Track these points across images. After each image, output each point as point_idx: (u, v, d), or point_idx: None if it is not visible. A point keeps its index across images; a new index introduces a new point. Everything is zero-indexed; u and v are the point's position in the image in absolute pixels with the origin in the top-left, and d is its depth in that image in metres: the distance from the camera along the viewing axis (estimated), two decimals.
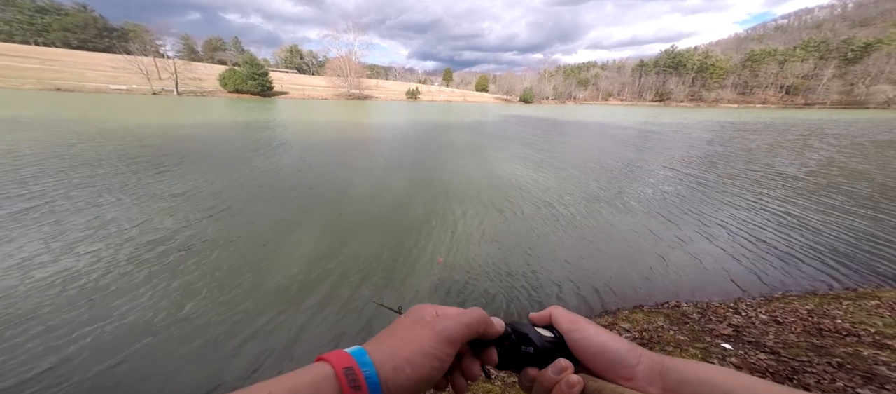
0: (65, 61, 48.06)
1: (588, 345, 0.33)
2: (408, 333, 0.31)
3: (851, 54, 78.94)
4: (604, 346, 0.32)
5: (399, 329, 0.32)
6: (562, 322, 0.36)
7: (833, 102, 77.38)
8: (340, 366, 0.26)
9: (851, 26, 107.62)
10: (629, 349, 0.32)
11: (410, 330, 0.31)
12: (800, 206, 5.52)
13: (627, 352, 0.32)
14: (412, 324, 0.32)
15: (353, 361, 0.27)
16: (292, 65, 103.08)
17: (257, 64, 49.05)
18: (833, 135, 16.33)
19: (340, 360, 0.27)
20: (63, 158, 6.84)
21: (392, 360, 0.28)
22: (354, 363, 0.27)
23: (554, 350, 0.35)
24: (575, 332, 0.34)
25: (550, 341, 0.35)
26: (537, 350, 0.34)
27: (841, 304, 2.60)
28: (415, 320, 0.32)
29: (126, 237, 3.61)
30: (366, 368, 0.27)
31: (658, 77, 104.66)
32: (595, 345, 0.33)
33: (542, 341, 0.35)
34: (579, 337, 0.34)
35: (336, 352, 0.28)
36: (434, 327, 0.31)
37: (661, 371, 0.30)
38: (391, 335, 0.31)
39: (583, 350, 0.33)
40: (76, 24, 74.80)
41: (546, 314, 0.37)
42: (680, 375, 0.29)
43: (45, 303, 2.54)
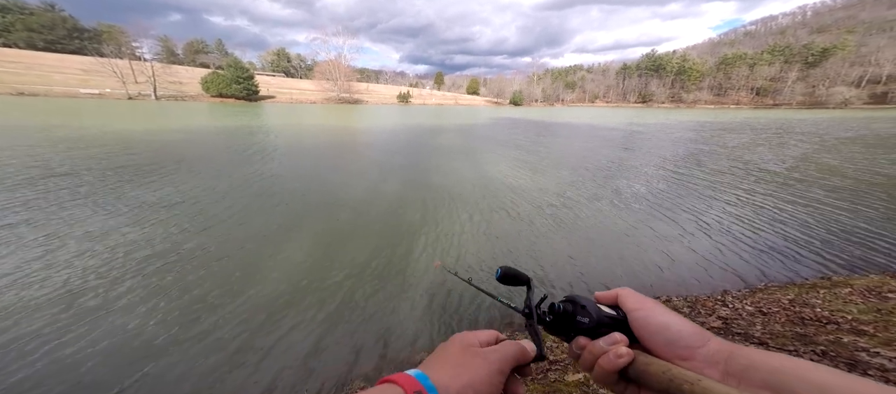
0: (28, 63, 44.90)
1: (649, 323, 0.33)
2: (461, 360, 0.33)
3: (812, 58, 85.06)
4: (664, 325, 0.32)
5: (452, 356, 0.33)
6: (628, 302, 0.36)
7: (798, 103, 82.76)
8: (411, 389, 0.28)
9: (810, 33, 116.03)
10: (695, 332, 0.31)
11: (465, 359, 0.33)
12: (776, 198, 5.81)
13: (692, 334, 0.31)
14: (463, 352, 0.34)
15: (420, 386, 0.29)
16: (279, 68, 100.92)
17: (242, 67, 47.68)
18: (802, 133, 17.37)
19: (410, 384, 0.29)
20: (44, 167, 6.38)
21: (453, 385, 0.30)
22: (422, 388, 0.29)
23: (613, 326, 0.35)
24: (639, 310, 0.34)
25: (610, 317, 0.35)
26: (593, 322, 0.35)
27: (818, 292, 2.73)
28: (465, 349, 0.34)
29: (122, 251, 3.38)
30: (431, 392, 0.29)
31: (640, 79, 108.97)
32: (656, 323, 0.33)
33: (600, 315, 0.35)
34: (642, 315, 0.34)
35: (402, 375, 0.30)
36: (487, 357, 0.33)
37: (729, 357, 0.29)
38: (445, 363, 0.33)
39: (644, 329, 0.33)
40: (42, 23, 70.31)
41: (613, 294, 0.38)
42: (749, 361, 0.28)
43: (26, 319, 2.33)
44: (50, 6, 75.20)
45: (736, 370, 0.28)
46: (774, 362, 0.27)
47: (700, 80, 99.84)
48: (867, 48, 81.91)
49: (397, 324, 2.55)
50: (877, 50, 79.85)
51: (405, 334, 2.46)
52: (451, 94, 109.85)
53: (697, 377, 0.27)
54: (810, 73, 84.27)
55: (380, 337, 2.40)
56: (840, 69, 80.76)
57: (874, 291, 2.61)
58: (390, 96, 73.36)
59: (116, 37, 53.25)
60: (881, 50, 79.53)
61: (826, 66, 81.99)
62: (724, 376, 0.28)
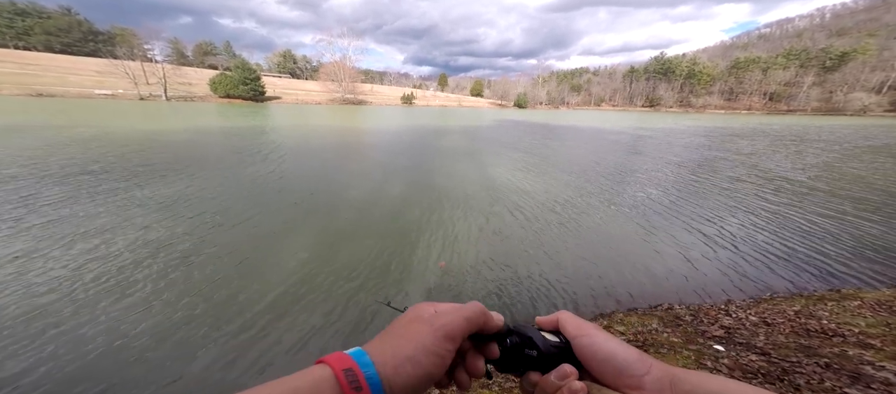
0: (46, 65, 46.58)
1: (595, 352, 0.32)
2: (406, 331, 0.30)
3: (829, 63, 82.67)
4: (611, 353, 0.32)
5: (398, 328, 0.31)
6: (569, 328, 0.35)
7: (813, 109, 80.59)
8: (340, 367, 0.26)
9: (829, 36, 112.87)
10: (638, 359, 0.31)
11: (409, 328, 0.31)
12: (786, 208, 5.68)
13: (636, 361, 0.31)
14: (410, 322, 0.31)
15: (353, 362, 0.27)
16: (286, 69, 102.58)
17: (249, 68, 48.62)
18: (821, 140, 16.87)
19: (340, 361, 0.27)
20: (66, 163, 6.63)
21: (393, 359, 0.28)
22: (354, 364, 0.27)
23: (559, 355, 0.34)
24: (582, 337, 0.34)
25: (555, 345, 0.34)
26: (541, 354, 0.33)
27: (826, 305, 2.67)
28: (413, 318, 0.32)
29: (138, 244, 3.50)
30: (366, 368, 0.27)
31: (648, 83, 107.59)
32: (602, 352, 0.32)
33: (547, 346, 0.34)
34: (586, 343, 0.33)
35: (335, 354, 0.28)
36: (433, 323, 0.30)
37: (672, 382, 0.29)
38: (390, 335, 0.31)
39: (589, 357, 0.32)
40: (59, 27, 72.82)
41: (553, 319, 0.37)
42: (691, 386, 0.28)
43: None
44: (66, 10, 77.84)
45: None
46: (713, 385, 0.27)
47: (710, 84, 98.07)
48: (890, 52, 78.78)
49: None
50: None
51: None
52: (454, 95, 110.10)
53: None
54: (828, 78, 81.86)
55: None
56: (859, 74, 78.14)
57: (885, 305, 2.54)
58: (394, 97, 73.87)
59: (129, 39, 54.66)
60: None
61: (845, 70, 79.43)
62: None
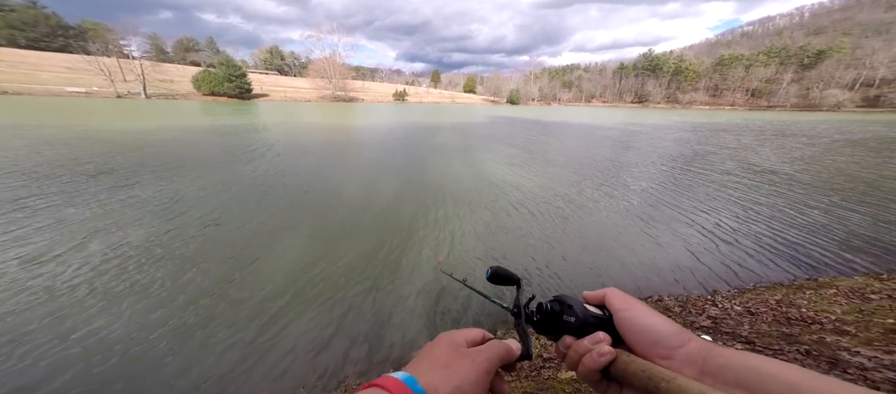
0: (11, 61, 43.64)
1: (634, 323, 0.34)
2: (451, 362, 0.32)
3: (807, 60, 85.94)
4: (650, 325, 0.33)
5: (440, 357, 0.33)
6: (614, 302, 0.36)
7: (792, 105, 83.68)
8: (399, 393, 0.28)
9: (807, 34, 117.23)
10: (676, 333, 0.32)
11: (453, 360, 0.33)
12: (768, 199, 5.88)
13: (673, 335, 0.32)
14: (451, 353, 0.33)
15: (408, 390, 0.28)
16: (273, 66, 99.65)
17: (234, 65, 46.98)
18: (805, 135, 17.42)
19: (396, 388, 0.28)
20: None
21: (443, 389, 0.30)
22: (410, 392, 0.28)
23: (598, 326, 0.36)
24: (624, 310, 0.35)
25: (595, 317, 0.36)
26: (579, 321, 0.35)
27: (804, 293, 2.78)
28: (452, 350, 0.34)
29: (131, 250, 3.32)
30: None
31: (637, 79, 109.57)
32: (640, 324, 0.33)
33: (586, 315, 0.36)
34: (628, 316, 0.35)
35: (389, 379, 0.30)
36: (476, 359, 0.33)
37: (706, 356, 0.30)
38: (433, 364, 0.32)
39: (628, 329, 0.34)
40: (24, 21, 68.24)
41: (600, 294, 0.38)
42: (725, 360, 0.29)
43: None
44: (32, 3, 73.09)
45: (712, 369, 0.29)
46: (748, 361, 0.28)
47: (696, 80, 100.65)
48: (862, 50, 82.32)
49: (393, 321, 2.55)
50: (872, 53, 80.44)
51: (400, 330, 2.46)
52: (447, 92, 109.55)
53: (673, 375, 0.29)
54: (805, 75, 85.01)
55: (376, 334, 2.40)
56: (834, 72, 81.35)
57: (858, 292, 2.67)
58: (386, 94, 72.91)
59: (103, 34, 51.91)
60: (876, 53, 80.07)
61: (821, 68, 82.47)
62: (700, 374, 0.29)
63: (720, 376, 0.28)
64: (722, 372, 0.28)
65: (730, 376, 0.28)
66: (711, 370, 0.29)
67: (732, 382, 0.27)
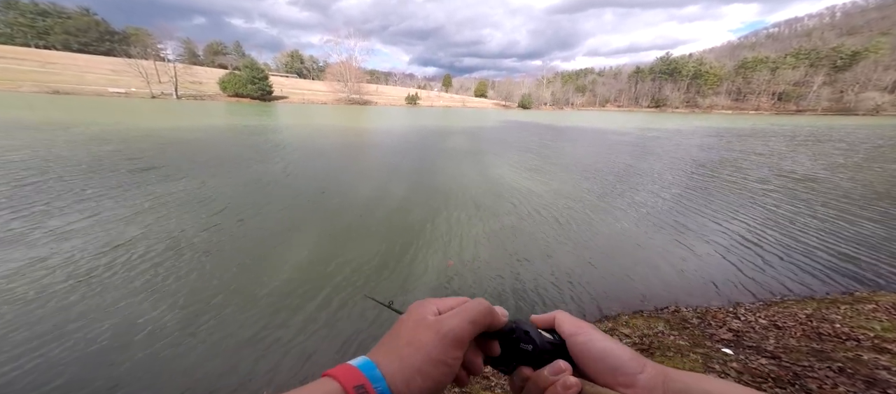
0: (64, 64, 47.98)
1: (590, 349, 0.32)
2: (413, 338, 0.29)
3: (840, 62, 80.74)
4: (606, 351, 0.32)
5: (403, 335, 0.30)
6: (565, 326, 0.35)
7: (824, 109, 78.74)
8: (351, 384, 0.25)
9: (839, 35, 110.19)
10: (633, 358, 0.31)
11: (415, 335, 0.29)
12: (798, 208, 5.57)
13: (630, 360, 0.31)
14: (415, 327, 0.30)
15: (363, 377, 0.26)
16: (293, 69, 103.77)
17: (257, 68, 49.29)
18: (845, 141, 16.35)
19: (350, 376, 0.26)
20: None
21: (402, 372, 0.27)
22: (366, 380, 0.26)
23: (553, 352, 0.34)
24: (578, 335, 0.33)
25: (550, 343, 0.34)
26: (536, 349, 0.33)
27: (838, 308, 2.61)
28: (417, 323, 0.30)
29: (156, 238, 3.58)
30: (377, 383, 0.26)
31: (654, 83, 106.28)
32: (597, 350, 0.32)
33: (543, 341, 0.33)
34: (582, 341, 0.33)
35: (343, 367, 0.27)
36: (439, 330, 0.29)
37: (665, 381, 0.29)
38: (396, 342, 0.29)
39: (584, 355, 0.32)
40: (78, 27, 74.98)
41: (549, 317, 0.37)
42: (684, 385, 0.28)
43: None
44: (85, 10, 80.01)
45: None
46: (704, 386, 0.27)
47: (718, 84, 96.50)
48: None
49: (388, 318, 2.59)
50: None
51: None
52: (458, 96, 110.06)
53: None
54: (838, 77, 79.99)
55: (381, 332, 2.44)
56: (871, 73, 76.21)
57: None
58: (399, 98, 74.15)
59: (143, 39, 55.82)
60: None
61: (856, 70, 77.54)
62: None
63: None
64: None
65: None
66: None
67: None
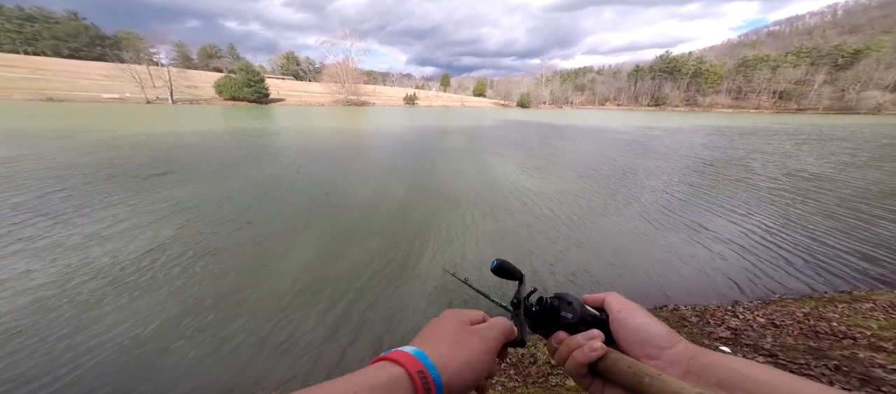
0: (55, 70, 47.55)
1: (628, 323, 0.35)
2: (460, 338, 0.33)
3: (842, 60, 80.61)
4: (641, 325, 0.34)
5: (447, 334, 0.34)
6: (613, 305, 0.37)
7: (825, 108, 78.63)
8: (414, 369, 0.28)
9: (841, 33, 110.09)
10: (667, 334, 0.33)
11: (461, 336, 0.33)
12: (798, 207, 5.57)
13: (664, 335, 0.33)
14: (459, 330, 0.34)
15: (421, 365, 0.29)
16: (289, 71, 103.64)
17: (253, 71, 49.22)
18: (847, 140, 16.24)
19: (410, 362, 0.29)
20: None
21: (453, 364, 0.31)
22: (424, 367, 0.29)
23: (593, 324, 0.36)
24: (621, 312, 0.36)
25: (592, 316, 0.37)
26: (576, 318, 0.36)
27: (836, 307, 2.61)
28: (460, 326, 0.35)
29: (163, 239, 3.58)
30: (432, 372, 0.29)
31: (654, 82, 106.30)
32: (634, 323, 0.35)
33: (584, 314, 0.36)
34: (623, 317, 0.36)
35: (400, 352, 0.30)
36: (484, 336, 0.34)
37: (692, 357, 0.31)
38: (440, 339, 0.33)
39: (622, 328, 0.35)
40: (67, 32, 74.15)
41: (600, 298, 0.39)
42: (709, 361, 0.30)
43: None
44: (73, 14, 79.34)
45: (696, 369, 0.30)
46: (730, 363, 0.29)
47: (718, 83, 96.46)
48: None
49: (405, 315, 2.62)
50: None
51: (407, 325, 2.52)
52: (457, 95, 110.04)
53: (658, 372, 0.30)
54: (840, 76, 79.73)
55: (383, 329, 2.45)
56: (873, 72, 75.90)
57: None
58: (396, 98, 74.13)
59: (135, 43, 55.29)
60: None
61: (857, 68, 77.20)
62: (685, 374, 0.31)
63: (703, 376, 0.30)
64: (705, 372, 0.30)
65: (711, 376, 0.29)
66: (695, 370, 0.30)
67: (714, 381, 0.29)
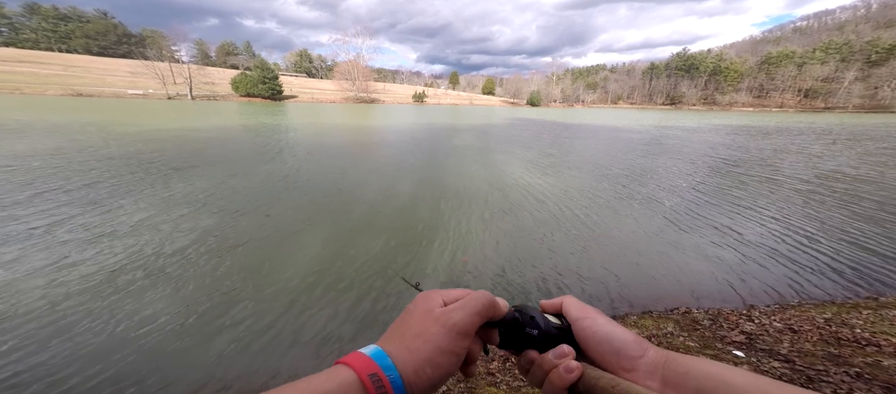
0: (86, 67, 50.31)
1: (594, 333, 0.33)
2: (422, 329, 0.30)
3: (876, 56, 75.79)
4: (609, 335, 0.32)
5: (412, 325, 0.31)
6: (572, 311, 0.36)
7: (855, 107, 74.23)
8: (365, 372, 0.26)
9: (875, 28, 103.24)
10: (635, 341, 0.31)
11: (424, 326, 0.30)
12: (821, 208, 5.33)
13: (632, 343, 0.31)
14: (423, 319, 0.31)
15: (376, 366, 0.27)
16: (302, 69, 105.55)
17: (268, 68, 50.35)
18: (879, 138, 15.35)
19: (363, 365, 0.27)
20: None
21: (412, 362, 0.28)
22: (378, 369, 0.27)
23: (559, 337, 0.35)
24: (583, 320, 0.34)
25: (557, 327, 0.35)
26: (541, 334, 0.34)
27: (860, 313, 2.51)
28: (424, 315, 0.31)
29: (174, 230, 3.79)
30: (389, 372, 0.27)
31: (669, 80, 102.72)
32: (600, 334, 0.33)
33: (548, 326, 0.35)
34: (586, 325, 0.34)
35: (356, 355, 0.28)
36: (446, 322, 0.30)
37: (665, 364, 0.30)
38: (405, 332, 0.30)
39: (588, 338, 0.33)
40: (97, 30, 78.18)
41: (557, 302, 0.37)
42: (685, 368, 0.29)
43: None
44: (103, 14, 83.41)
45: (673, 378, 0.29)
46: (706, 368, 0.28)
47: (738, 80, 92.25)
48: None
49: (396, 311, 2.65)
50: None
51: None
52: (465, 94, 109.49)
53: (647, 392, 0.28)
54: (873, 72, 74.96)
55: (384, 323, 2.51)
56: None
57: None
58: (406, 96, 74.37)
59: (158, 41, 57.57)
60: None
61: (893, 64, 72.46)
62: (663, 385, 0.29)
63: (682, 385, 0.28)
64: (683, 381, 0.28)
65: (690, 385, 0.28)
66: (673, 380, 0.29)
67: (693, 390, 0.27)
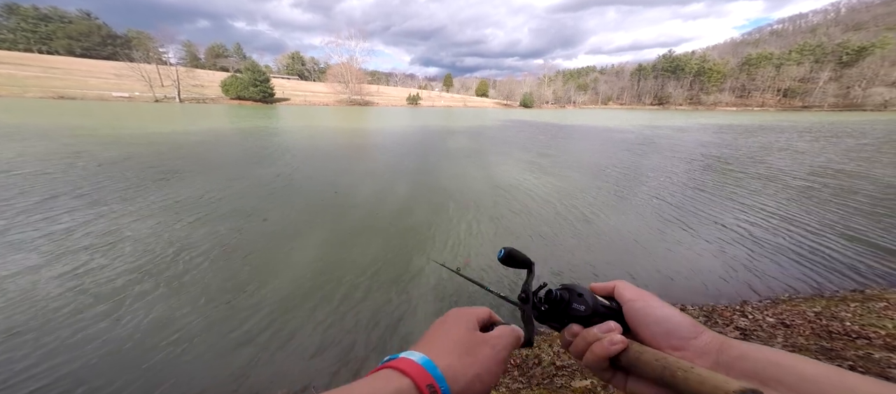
0: (67, 69, 48.45)
1: (647, 314, 0.33)
2: (472, 348, 0.31)
3: (846, 58, 79.90)
4: (663, 316, 0.32)
5: (457, 342, 0.31)
6: (625, 293, 0.36)
7: (830, 105, 77.89)
8: (424, 382, 0.27)
9: (845, 30, 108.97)
10: (691, 324, 0.31)
11: (469, 346, 0.31)
12: (808, 205, 5.49)
13: (689, 326, 0.31)
14: (469, 337, 0.32)
15: (431, 377, 0.27)
16: (294, 71, 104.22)
17: (259, 70, 49.52)
18: (856, 134, 16.06)
19: (419, 374, 0.27)
20: None
21: (463, 376, 0.29)
22: (433, 380, 0.27)
23: (607, 315, 0.35)
24: (637, 301, 0.34)
25: (605, 307, 0.36)
26: (588, 311, 0.35)
27: (848, 306, 2.57)
28: (470, 332, 0.33)
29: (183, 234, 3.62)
30: (441, 383, 0.27)
31: (657, 81, 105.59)
32: (653, 315, 0.33)
33: (596, 305, 0.35)
34: (641, 307, 0.34)
35: (407, 362, 0.28)
36: (495, 346, 0.32)
37: (720, 348, 0.29)
38: (451, 348, 0.31)
39: (642, 319, 0.33)
40: (80, 31, 75.48)
41: (610, 285, 0.38)
42: (741, 351, 0.28)
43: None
44: (86, 14, 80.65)
45: (727, 360, 0.28)
46: (765, 354, 0.27)
47: (721, 81, 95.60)
48: None
49: (404, 314, 2.61)
50: None
51: (410, 323, 2.51)
52: (459, 96, 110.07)
53: (690, 366, 0.28)
54: (845, 73, 79.07)
55: (387, 326, 2.45)
56: (879, 69, 75.25)
57: None
58: (400, 98, 74.26)
59: (145, 42, 56.10)
60: None
61: (863, 65, 76.64)
62: (715, 366, 0.29)
63: (736, 367, 0.27)
64: (738, 363, 0.28)
65: (747, 367, 0.27)
66: (726, 362, 0.28)
67: (750, 373, 0.27)
